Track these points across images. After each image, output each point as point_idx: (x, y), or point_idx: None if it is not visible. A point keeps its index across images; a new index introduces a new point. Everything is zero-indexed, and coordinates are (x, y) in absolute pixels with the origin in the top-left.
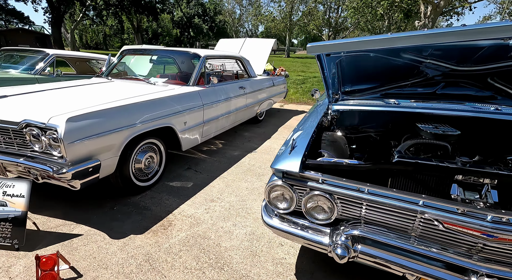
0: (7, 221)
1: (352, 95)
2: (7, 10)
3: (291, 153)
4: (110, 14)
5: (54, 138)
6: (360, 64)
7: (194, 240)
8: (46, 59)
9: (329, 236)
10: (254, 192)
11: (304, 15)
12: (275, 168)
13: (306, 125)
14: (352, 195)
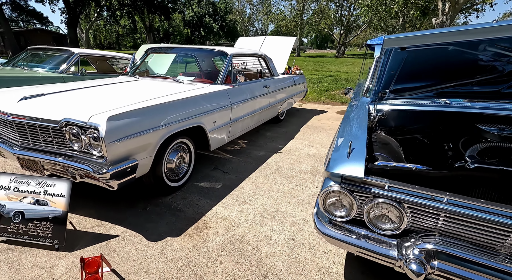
0: (48, 220)
1: (401, 94)
2: (27, 11)
3: (349, 156)
4: (123, 14)
5: (95, 138)
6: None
7: (232, 245)
8: (71, 58)
9: (397, 249)
10: (286, 195)
11: (315, 14)
12: (332, 172)
13: (354, 127)
14: (427, 205)
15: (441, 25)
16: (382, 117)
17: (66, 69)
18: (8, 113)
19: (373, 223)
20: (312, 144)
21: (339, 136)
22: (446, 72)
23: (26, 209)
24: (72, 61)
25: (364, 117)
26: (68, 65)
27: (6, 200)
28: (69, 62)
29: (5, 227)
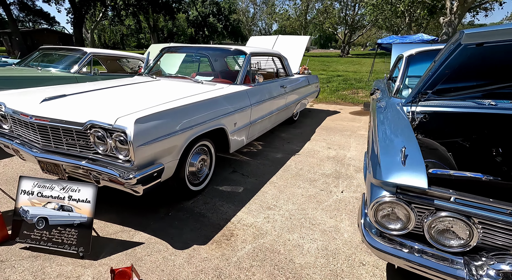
0: (73, 227)
1: (444, 94)
2: (35, 11)
3: (405, 163)
4: (129, 14)
5: (121, 141)
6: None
7: (263, 254)
8: (84, 58)
9: (465, 268)
10: (312, 200)
11: (319, 13)
12: (387, 181)
13: (397, 131)
14: (504, 220)
15: (449, 24)
16: (422, 120)
17: (79, 69)
18: (30, 115)
19: (435, 239)
20: (330, 146)
21: (381, 141)
22: (502, 71)
23: (50, 215)
24: (85, 61)
25: (404, 120)
26: (81, 65)
27: (30, 205)
28: (81, 62)
29: (28, 233)
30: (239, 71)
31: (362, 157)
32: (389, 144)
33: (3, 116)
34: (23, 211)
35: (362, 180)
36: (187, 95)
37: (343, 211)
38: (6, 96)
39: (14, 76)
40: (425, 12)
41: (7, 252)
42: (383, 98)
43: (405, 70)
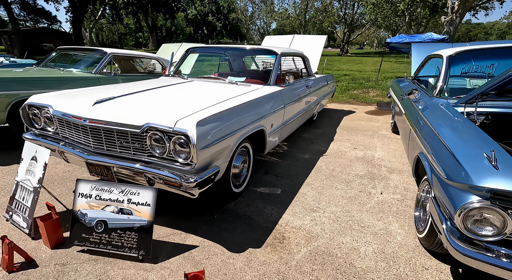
0: (133, 230)
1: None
2: (36, 10)
3: (497, 166)
4: (128, 12)
5: (182, 144)
6: None
7: (321, 258)
8: (104, 58)
9: None
10: (353, 201)
11: (318, 12)
12: (480, 185)
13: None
14: None
15: (450, 23)
16: (485, 122)
17: (100, 70)
18: (84, 118)
19: None
20: (356, 146)
21: (451, 144)
22: None
23: (109, 218)
24: (105, 62)
25: (467, 122)
26: (101, 65)
27: (88, 208)
28: (102, 63)
29: (87, 236)
30: (270, 72)
31: (391, 157)
32: (465, 147)
33: (49, 118)
34: (81, 214)
35: (398, 181)
36: (232, 97)
37: (388, 213)
38: (51, 98)
39: (38, 77)
40: (426, 11)
41: (66, 255)
42: (422, 98)
43: (447, 70)
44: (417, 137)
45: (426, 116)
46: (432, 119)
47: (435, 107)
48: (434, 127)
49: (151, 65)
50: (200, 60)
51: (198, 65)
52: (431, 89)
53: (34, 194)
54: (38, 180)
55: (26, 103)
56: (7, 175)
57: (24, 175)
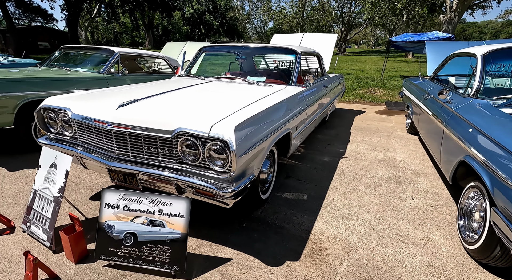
0: (165, 243)
1: None
2: (32, 8)
3: None
4: (125, 11)
5: (218, 150)
6: None
7: (365, 272)
8: (112, 58)
9: None
10: (385, 208)
11: (315, 11)
12: None
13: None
14: None
15: (449, 22)
16: None
17: (107, 70)
18: (108, 122)
19: None
20: (374, 148)
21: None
22: None
23: (139, 231)
24: (113, 61)
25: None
26: (109, 65)
27: (115, 219)
28: (109, 62)
29: (115, 250)
30: (287, 71)
31: (413, 159)
32: None
33: (66, 122)
34: (108, 226)
35: (427, 185)
36: (259, 98)
37: (426, 221)
38: (69, 101)
39: (47, 77)
40: (425, 10)
41: (92, 271)
42: (455, 99)
43: (483, 69)
44: (458, 140)
45: (468, 118)
46: (480, 122)
47: (477, 108)
48: (485, 131)
49: (156, 65)
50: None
51: (203, 65)
52: (464, 89)
53: (55, 204)
54: (59, 189)
55: (41, 106)
56: (17, 181)
57: (43, 183)
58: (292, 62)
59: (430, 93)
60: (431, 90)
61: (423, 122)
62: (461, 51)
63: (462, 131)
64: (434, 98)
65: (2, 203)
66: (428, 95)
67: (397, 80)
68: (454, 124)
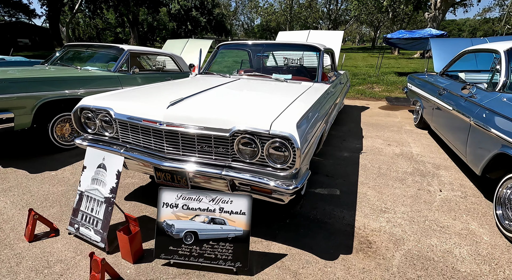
0: (227, 241)
1: None
2: (13, 3)
3: None
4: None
5: (278, 148)
6: None
7: (419, 262)
8: (122, 56)
9: None
10: (418, 200)
11: (303, 8)
12: None
13: None
14: None
15: (433, 20)
16: None
17: (119, 68)
18: (160, 122)
19: None
20: (389, 143)
21: None
22: None
23: (200, 229)
24: (124, 59)
25: None
26: (119, 63)
27: (174, 218)
28: (120, 61)
29: (175, 249)
30: (316, 69)
31: (429, 153)
32: None
33: (107, 122)
34: (167, 225)
35: (450, 177)
36: (298, 95)
37: (460, 212)
38: (110, 101)
39: (61, 77)
40: (410, 7)
41: (152, 270)
42: (479, 93)
43: (507, 64)
44: (494, 134)
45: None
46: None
47: (498, 101)
48: None
49: (161, 63)
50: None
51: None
52: (487, 84)
53: (107, 204)
54: (110, 189)
55: (79, 106)
56: (43, 184)
57: (90, 184)
58: (303, 59)
59: (447, 88)
60: (447, 86)
61: (439, 117)
62: (478, 47)
63: (501, 125)
64: (452, 93)
65: (36, 206)
66: (444, 90)
67: (393, 77)
68: (487, 118)
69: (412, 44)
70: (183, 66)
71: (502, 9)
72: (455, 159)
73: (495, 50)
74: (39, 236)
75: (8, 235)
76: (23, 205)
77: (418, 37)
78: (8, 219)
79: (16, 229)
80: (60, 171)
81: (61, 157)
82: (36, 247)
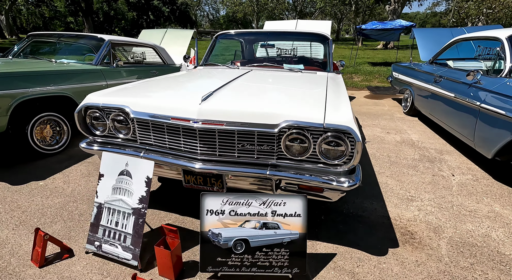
0: (282, 246)
1: None
2: None
3: None
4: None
5: (330, 142)
6: None
7: (466, 249)
8: (103, 46)
9: None
10: (436, 186)
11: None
12: None
13: None
14: None
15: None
16: None
17: (101, 61)
18: (194, 119)
19: None
20: (388, 131)
21: None
22: None
23: (251, 236)
24: (105, 51)
25: None
26: (101, 55)
27: (221, 226)
28: (102, 52)
29: (223, 260)
30: (327, 58)
31: (427, 139)
32: None
33: (121, 122)
34: (213, 235)
35: (456, 162)
36: (323, 86)
37: (479, 195)
38: (125, 98)
39: (34, 71)
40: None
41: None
42: (485, 80)
43: (511, 51)
44: (505, 118)
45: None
46: None
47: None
48: None
49: (139, 55)
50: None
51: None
52: (490, 71)
53: (137, 216)
54: (139, 199)
55: (83, 105)
56: (33, 197)
57: (111, 194)
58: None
59: (443, 75)
60: (444, 73)
61: (436, 104)
62: (474, 35)
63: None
64: (452, 80)
65: (32, 224)
66: (440, 78)
67: (368, 67)
68: (502, 103)
69: (383, 35)
70: (166, 58)
71: (447, 3)
72: (454, 143)
73: (496, 38)
74: (50, 258)
75: (9, 261)
76: (16, 224)
77: (390, 28)
78: (2, 242)
79: (17, 253)
80: (50, 180)
81: (45, 164)
82: (50, 272)
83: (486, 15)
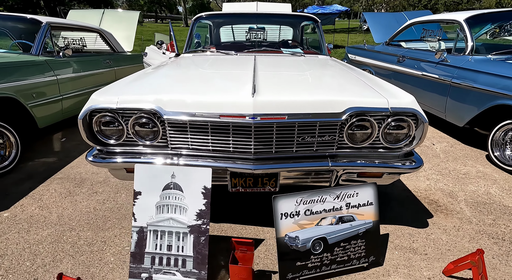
0: (358, 237)
1: None
2: None
3: None
4: None
5: (393, 127)
6: None
7: (481, 207)
8: (41, 31)
9: None
10: (428, 155)
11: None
12: None
13: None
14: None
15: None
16: None
17: (41, 50)
18: (250, 115)
19: None
20: None
21: None
22: None
23: (328, 233)
24: (44, 36)
25: None
26: (41, 43)
27: (297, 229)
28: (41, 39)
29: (303, 263)
30: (320, 42)
31: None
32: None
33: (144, 125)
34: (290, 239)
35: (429, 132)
36: (340, 68)
37: (463, 159)
38: (149, 95)
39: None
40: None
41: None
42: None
43: (470, 31)
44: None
45: (496, 71)
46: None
47: (489, 63)
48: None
49: (76, 41)
50: None
51: None
52: (452, 50)
53: (197, 234)
54: (197, 214)
55: (89, 108)
56: (8, 233)
57: (156, 214)
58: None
59: (406, 55)
60: (405, 53)
61: (401, 82)
62: (430, 18)
63: (493, 82)
64: (417, 59)
65: (26, 269)
66: (403, 58)
67: None
68: (473, 77)
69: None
70: (116, 45)
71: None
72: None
73: (455, 21)
74: None
75: None
76: (2, 274)
77: (329, 12)
78: None
79: None
80: (18, 209)
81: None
82: None
83: (387, 3)
